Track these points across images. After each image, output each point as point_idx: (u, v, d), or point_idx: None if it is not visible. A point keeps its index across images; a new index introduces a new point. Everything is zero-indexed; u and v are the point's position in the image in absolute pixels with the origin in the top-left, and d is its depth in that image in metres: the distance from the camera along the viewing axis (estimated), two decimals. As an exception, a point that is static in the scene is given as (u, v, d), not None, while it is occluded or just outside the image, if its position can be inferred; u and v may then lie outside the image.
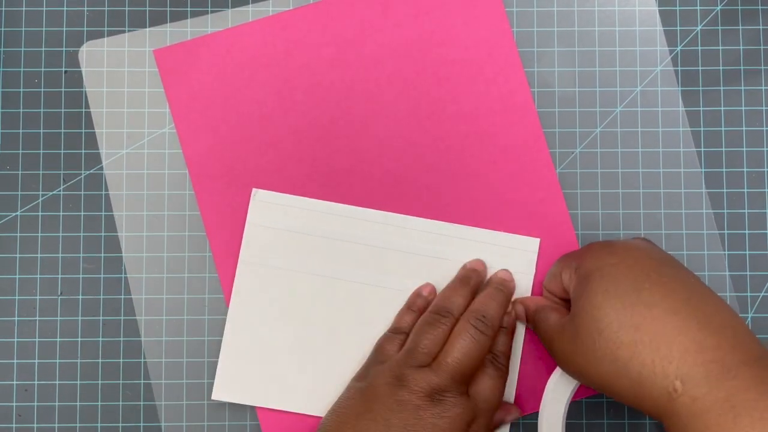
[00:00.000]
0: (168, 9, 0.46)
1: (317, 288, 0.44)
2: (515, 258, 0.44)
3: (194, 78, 0.45)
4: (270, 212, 0.44)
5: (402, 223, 0.44)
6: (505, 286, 0.43)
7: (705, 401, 0.32)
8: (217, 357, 0.44)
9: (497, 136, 0.45)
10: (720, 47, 0.46)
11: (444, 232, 0.44)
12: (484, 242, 0.44)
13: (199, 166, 0.45)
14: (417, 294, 0.44)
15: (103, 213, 0.45)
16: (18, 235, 0.45)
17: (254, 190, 0.44)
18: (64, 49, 0.46)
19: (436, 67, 0.45)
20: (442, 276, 0.44)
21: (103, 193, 0.45)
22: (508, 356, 0.42)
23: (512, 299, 0.43)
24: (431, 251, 0.44)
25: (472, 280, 0.43)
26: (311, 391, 0.43)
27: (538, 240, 0.44)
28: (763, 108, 0.46)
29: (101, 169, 0.45)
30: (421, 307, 0.43)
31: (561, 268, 0.40)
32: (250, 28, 0.45)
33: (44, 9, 0.46)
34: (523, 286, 0.44)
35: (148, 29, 0.46)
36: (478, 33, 0.45)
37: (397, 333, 0.42)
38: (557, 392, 0.41)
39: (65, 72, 0.46)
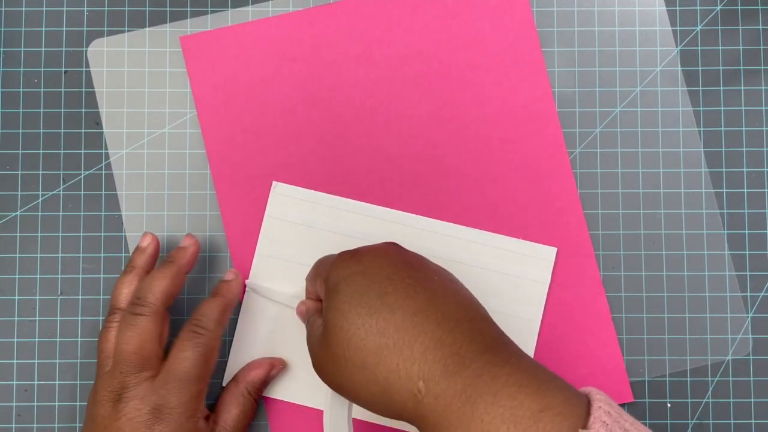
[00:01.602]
0: (168, 9, 0.46)
1: None
2: (531, 266, 0.44)
3: (219, 67, 0.45)
4: (289, 206, 0.44)
5: (419, 224, 0.44)
6: (174, 257, 0.42)
7: (445, 397, 0.32)
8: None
9: (519, 143, 0.45)
10: (720, 47, 0.46)
11: (460, 236, 0.44)
12: (500, 248, 0.44)
13: (220, 155, 0.45)
14: (136, 249, 0.43)
15: (103, 213, 0.45)
16: (18, 235, 0.45)
17: (274, 183, 0.45)
18: (64, 49, 0.46)
19: (462, 70, 0.45)
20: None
21: (103, 193, 0.45)
22: (214, 321, 0.40)
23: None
24: (446, 254, 0.44)
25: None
26: (318, 385, 0.43)
27: (555, 249, 0.44)
28: (763, 108, 0.46)
29: (101, 169, 0.45)
30: (143, 267, 0.42)
31: (314, 275, 0.40)
32: (278, 21, 0.46)
33: (44, 9, 0.46)
34: (538, 294, 0.44)
35: (147, 29, 0.46)
36: (505, 39, 0.45)
37: (115, 312, 0.41)
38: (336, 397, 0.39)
39: (65, 72, 0.46)
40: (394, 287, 0.35)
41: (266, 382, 0.43)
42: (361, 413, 0.44)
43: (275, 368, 0.43)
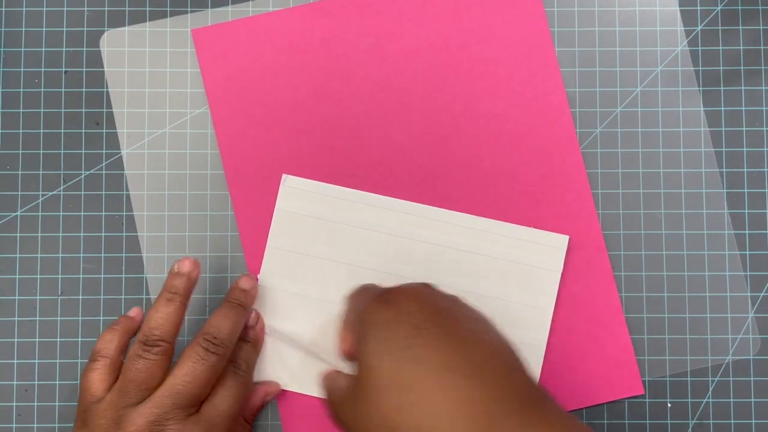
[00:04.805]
0: (168, 9, 0.46)
1: (342, 276, 0.44)
2: (544, 255, 0.44)
3: (231, 60, 0.45)
4: (299, 198, 0.44)
5: (431, 214, 0.44)
6: (241, 299, 0.41)
7: None
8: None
9: (530, 136, 0.45)
10: (720, 47, 0.46)
11: (471, 226, 0.44)
12: (511, 237, 0.44)
13: (231, 147, 0.45)
14: (123, 315, 0.42)
15: (103, 213, 0.45)
16: (18, 235, 0.45)
17: (284, 176, 0.45)
18: (64, 49, 0.46)
19: (473, 64, 0.45)
20: (469, 270, 0.44)
21: (103, 193, 0.45)
22: (251, 365, 0.41)
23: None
24: (459, 244, 0.44)
25: (178, 297, 0.40)
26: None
27: (567, 237, 0.44)
28: (763, 108, 0.46)
29: (101, 169, 0.45)
30: (127, 328, 0.41)
31: (348, 317, 0.39)
32: (290, 13, 0.46)
33: (44, 9, 0.46)
34: (550, 283, 0.44)
35: (147, 29, 0.46)
36: (516, 32, 0.45)
37: (97, 359, 0.39)
38: None
39: (65, 72, 0.46)
40: (422, 338, 0.33)
41: (262, 407, 0.43)
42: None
43: (269, 395, 0.43)
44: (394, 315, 0.35)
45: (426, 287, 0.37)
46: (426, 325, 0.34)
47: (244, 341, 0.42)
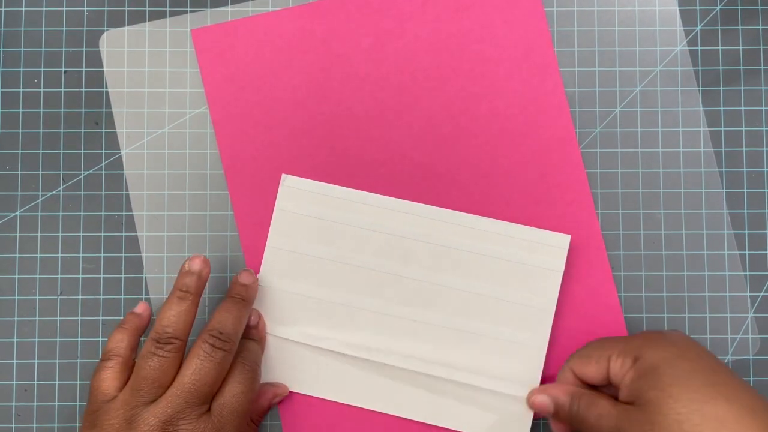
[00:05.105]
0: (167, 9, 0.46)
1: (342, 276, 0.44)
2: (545, 254, 0.44)
3: (230, 60, 0.45)
4: (298, 198, 0.45)
5: (431, 214, 0.44)
6: (243, 294, 0.42)
7: None
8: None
9: (530, 136, 0.45)
10: (720, 47, 0.46)
11: (473, 226, 0.44)
12: (513, 237, 0.44)
13: (231, 147, 0.45)
14: (130, 312, 0.42)
15: (102, 213, 0.45)
16: (18, 235, 0.45)
17: (283, 175, 0.45)
18: (63, 49, 0.46)
19: (473, 63, 0.45)
20: (470, 269, 0.44)
21: (103, 193, 0.45)
22: (258, 362, 0.41)
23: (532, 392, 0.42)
24: (459, 244, 0.44)
25: (189, 295, 0.40)
26: (330, 377, 0.44)
27: (569, 237, 0.44)
28: (763, 108, 0.46)
29: (101, 169, 0.45)
30: (136, 326, 0.41)
31: (606, 353, 0.39)
32: (290, 13, 0.46)
33: (44, 9, 0.46)
34: (552, 283, 0.44)
35: (147, 29, 0.46)
36: (516, 32, 0.45)
37: (109, 358, 0.40)
38: None
39: (65, 72, 0.46)
40: (722, 378, 0.36)
41: (269, 409, 0.43)
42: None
43: (277, 396, 0.43)
44: (683, 353, 0.37)
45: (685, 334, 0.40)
46: (719, 369, 0.36)
47: (249, 339, 0.42)
